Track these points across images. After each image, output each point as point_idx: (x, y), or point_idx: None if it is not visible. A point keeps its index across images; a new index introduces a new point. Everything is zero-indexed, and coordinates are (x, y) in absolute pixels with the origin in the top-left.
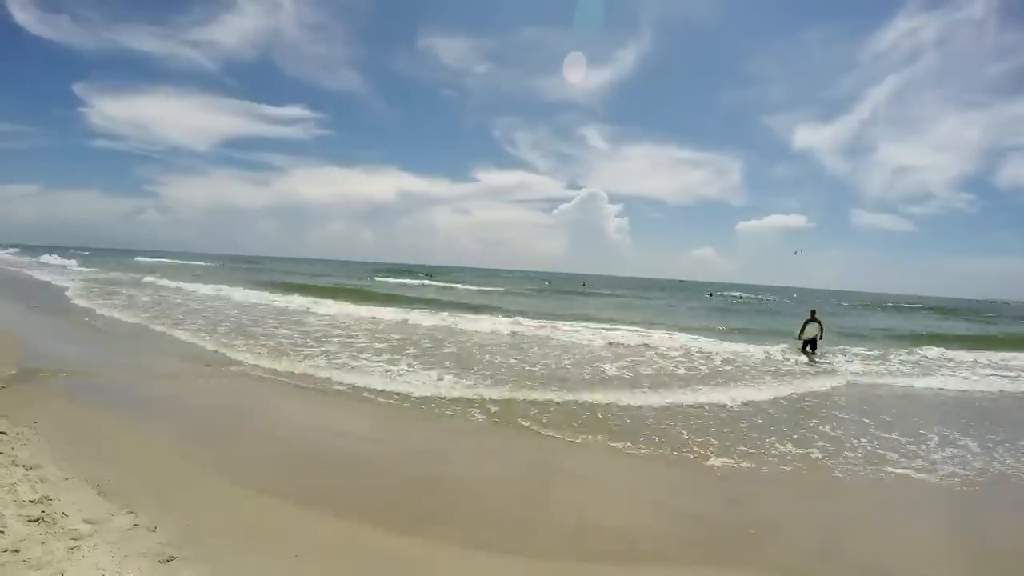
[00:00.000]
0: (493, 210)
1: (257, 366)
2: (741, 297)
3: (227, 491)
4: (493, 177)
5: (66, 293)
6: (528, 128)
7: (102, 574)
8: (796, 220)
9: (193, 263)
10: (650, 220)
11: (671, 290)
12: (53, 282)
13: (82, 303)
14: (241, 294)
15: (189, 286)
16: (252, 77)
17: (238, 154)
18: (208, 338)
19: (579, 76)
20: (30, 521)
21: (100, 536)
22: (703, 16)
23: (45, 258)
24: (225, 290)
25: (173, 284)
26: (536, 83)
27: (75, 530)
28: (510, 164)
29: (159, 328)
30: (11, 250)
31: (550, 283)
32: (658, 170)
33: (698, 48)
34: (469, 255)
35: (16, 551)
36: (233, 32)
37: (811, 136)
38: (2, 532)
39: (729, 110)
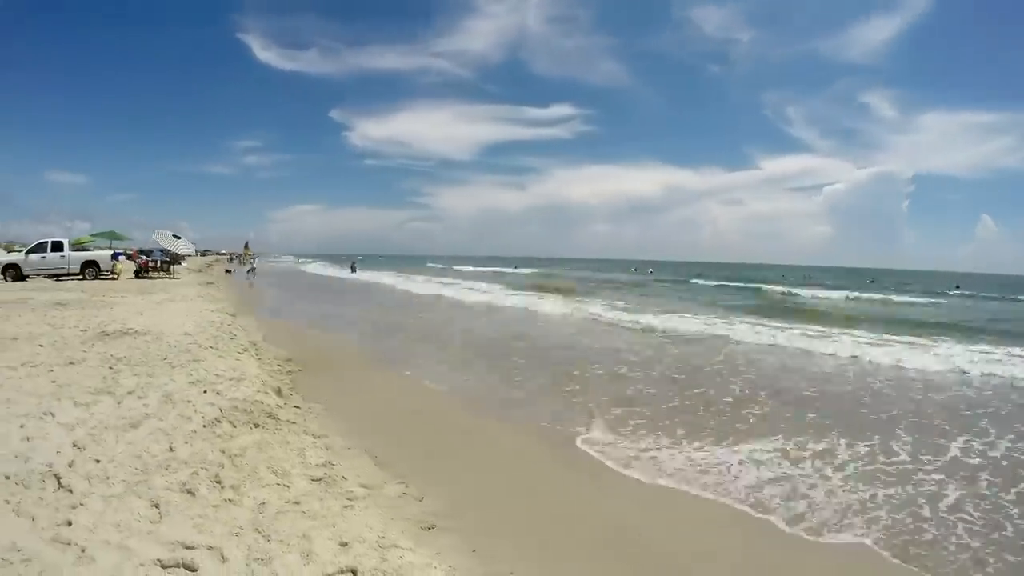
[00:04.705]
0: (769, 199)
1: None
2: None
3: (492, 474)
4: (768, 164)
5: None
6: (802, 101)
7: (369, 531)
8: None
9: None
10: (937, 201)
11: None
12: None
13: None
14: None
15: None
16: (507, 80)
17: (500, 159)
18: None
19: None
20: (313, 480)
21: (372, 500)
22: None
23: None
24: None
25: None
26: (810, 45)
27: (351, 492)
28: (785, 146)
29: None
30: (317, 262)
31: (873, 281)
32: (951, 140)
33: None
34: (734, 249)
35: (297, 503)
36: (479, 37)
37: None
38: (287, 487)
39: None
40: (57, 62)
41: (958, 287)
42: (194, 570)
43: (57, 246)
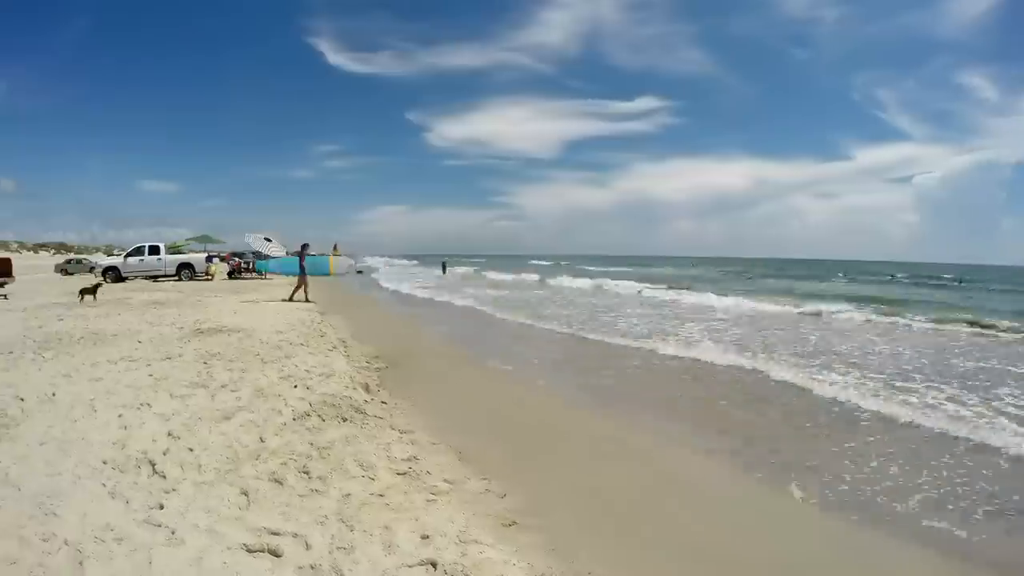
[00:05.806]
0: (865, 192)
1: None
2: None
3: (576, 475)
4: (863, 153)
5: None
6: (894, 83)
7: (451, 525)
8: None
9: None
10: None
11: None
12: None
13: None
14: None
15: None
16: (588, 73)
17: (582, 156)
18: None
19: None
20: (398, 474)
21: (455, 495)
22: None
23: None
24: None
25: None
26: (899, 21)
27: (434, 487)
28: (880, 133)
29: None
30: (404, 261)
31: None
32: None
33: None
34: (823, 245)
35: (382, 495)
36: (555, 29)
37: None
38: (373, 480)
39: None
40: (141, 79)
41: None
42: (279, 555)
43: (154, 250)
